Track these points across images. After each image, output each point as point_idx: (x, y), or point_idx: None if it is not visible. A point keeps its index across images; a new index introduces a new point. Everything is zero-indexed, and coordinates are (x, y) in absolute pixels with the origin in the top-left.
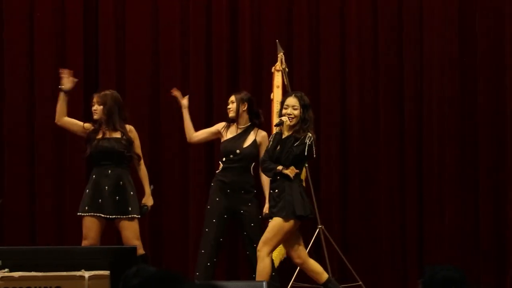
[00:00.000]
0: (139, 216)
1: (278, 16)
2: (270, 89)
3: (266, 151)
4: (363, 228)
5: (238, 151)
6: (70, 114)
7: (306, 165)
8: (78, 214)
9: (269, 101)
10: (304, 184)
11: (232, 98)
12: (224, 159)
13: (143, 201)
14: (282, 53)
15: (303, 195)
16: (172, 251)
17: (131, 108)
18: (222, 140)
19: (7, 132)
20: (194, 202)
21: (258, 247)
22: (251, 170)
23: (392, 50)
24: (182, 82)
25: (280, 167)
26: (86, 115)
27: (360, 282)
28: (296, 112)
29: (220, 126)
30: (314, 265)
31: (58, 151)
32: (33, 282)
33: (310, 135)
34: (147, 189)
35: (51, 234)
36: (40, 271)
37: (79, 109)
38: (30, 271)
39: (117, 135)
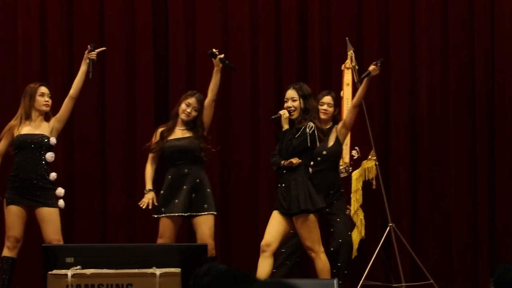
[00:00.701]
0: (215, 213)
1: (348, 14)
2: (340, 87)
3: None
4: (434, 226)
5: (324, 152)
6: (140, 113)
7: (377, 163)
8: (154, 216)
9: (339, 99)
10: (374, 183)
11: (329, 99)
12: (312, 163)
13: None
14: (352, 51)
15: (309, 188)
16: (241, 253)
17: None
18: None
19: (79, 130)
20: (263, 203)
21: (308, 250)
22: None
23: (463, 48)
24: (252, 81)
25: (283, 162)
26: (157, 113)
27: (432, 281)
28: (296, 104)
29: None
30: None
31: (129, 149)
32: (105, 279)
33: (311, 124)
34: None
35: (122, 232)
36: (112, 269)
37: (150, 107)
38: (102, 268)
39: (190, 134)
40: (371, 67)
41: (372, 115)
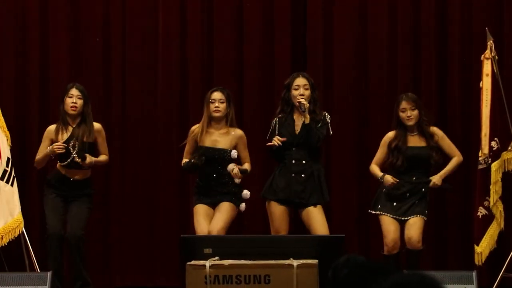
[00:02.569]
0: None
1: (489, 3)
2: (479, 78)
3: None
4: None
5: None
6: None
7: None
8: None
9: (479, 90)
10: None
11: None
12: None
13: None
14: (492, 41)
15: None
16: None
17: (337, 102)
18: None
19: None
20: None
21: None
22: None
23: None
24: (389, 73)
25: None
26: None
27: None
28: (308, 93)
29: None
30: None
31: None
32: (243, 270)
33: (326, 113)
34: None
35: (259, 223)
36: (249, 260)
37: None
38: (240, 259)
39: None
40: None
41: (511, 106)
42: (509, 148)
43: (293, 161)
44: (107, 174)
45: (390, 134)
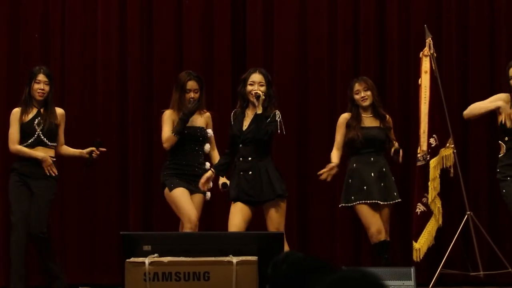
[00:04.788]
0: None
1: (427, 1)
2: (417, 75)
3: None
4: None
5: None
6: (218, 101)
7: (455, 151)
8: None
9: (417, 87)
10: (451, 171)
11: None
12: (506, 138)
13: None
14: (430, 38)
15: (278, 174)
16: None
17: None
18: None
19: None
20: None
21: None
22: None
23: None
24: (329, 68)
25: None
26: (233, 100)
27: (510, 269)
28: (263, 89)
29: None
30: None
31: None
32: (182, 267)
33: (278, 112)
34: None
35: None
36: (189, 257)
37: (228, 93)
38: (179, 256)
39: (377, 123)
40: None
41: (451, 103)
42: (447, 145)
43: (240, 159)
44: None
45: (345, 115)
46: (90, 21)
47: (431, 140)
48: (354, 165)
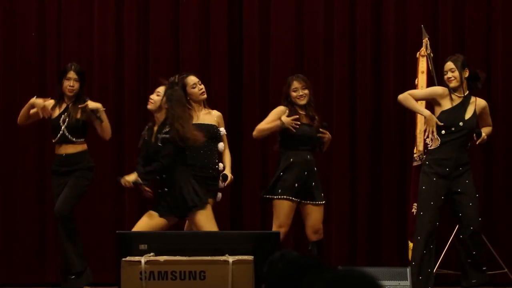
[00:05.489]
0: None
1: (423, 1)
2: (414, 75)
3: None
4: (509, 214)
5: (461, 123)
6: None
7: None
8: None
9: (413, 87)
10: None
11: (451, 65)
12: (443, 132)
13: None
14: (427, 38)
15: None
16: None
17: (273, 97)
18: (441, 111)
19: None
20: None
21: None
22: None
23: None
24: (325, 69)
25: None
26: (230, 100)
27: (506, 270)
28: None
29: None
30: None
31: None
32: (178, 266)
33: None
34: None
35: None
36: (185, 256)
37: (224, 93)
38: (175, 255)
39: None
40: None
41: None
42: None
43: None
44: (46, 174)
45: (282, 108)
46: (86, 19)
47: (427, 140)
48: (291, 160)
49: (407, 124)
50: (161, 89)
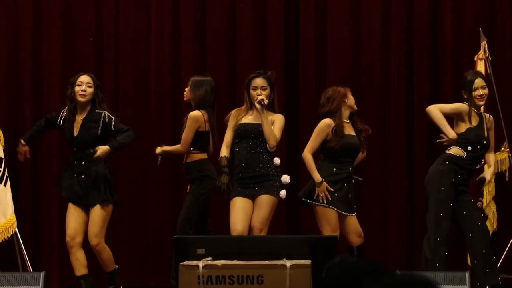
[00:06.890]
0: None
1: (482, 4)
2: None
3: None
4: None
5: (484, 141)
6: None
7: (510, 155)
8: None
9: None
10: (507, 175)
11: (482, 82)
12: (469, 148)
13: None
14: (485, 41)
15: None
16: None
17: None
18: (467, 127)
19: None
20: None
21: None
22: None
23: None
24: (382, 72)
25: None
26: (287, 101)
27: None
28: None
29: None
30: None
31: None
32: (236, 270)
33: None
34: None
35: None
36: (242, 260)
37: (281, 98)
38: (232, 259)
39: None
40: None
41: (505, 106)
42: (502, 149)
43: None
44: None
45: (328, 121)
46: (144, 24)
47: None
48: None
49: None
50: None
